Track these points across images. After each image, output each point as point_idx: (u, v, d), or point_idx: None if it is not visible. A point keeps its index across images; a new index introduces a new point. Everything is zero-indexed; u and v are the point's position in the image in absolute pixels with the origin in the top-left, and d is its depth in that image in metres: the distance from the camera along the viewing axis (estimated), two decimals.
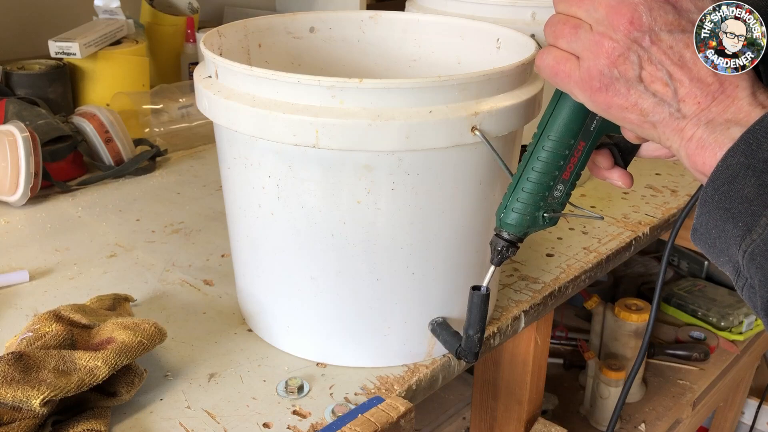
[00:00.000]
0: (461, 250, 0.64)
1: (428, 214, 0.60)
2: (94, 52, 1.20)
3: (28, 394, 0.53)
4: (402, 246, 0.61)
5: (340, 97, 0.55)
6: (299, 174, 0.59)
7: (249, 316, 0.71)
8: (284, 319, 0.67)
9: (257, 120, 0.56)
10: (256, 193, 0.62)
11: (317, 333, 0.66)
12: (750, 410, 1.73)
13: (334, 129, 0.54)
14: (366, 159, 0.57)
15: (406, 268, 0.62)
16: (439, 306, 0.65)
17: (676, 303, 1.50)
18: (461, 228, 0.63)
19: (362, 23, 0.79)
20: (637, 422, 1.22)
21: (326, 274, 0.62)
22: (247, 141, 0.60)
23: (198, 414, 0.59)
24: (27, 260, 0.83)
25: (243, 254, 0.68)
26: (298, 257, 0.63)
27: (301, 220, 0.60)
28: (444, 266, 0.64)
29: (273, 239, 0.63)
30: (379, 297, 0.63)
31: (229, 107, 0.58)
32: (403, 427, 0.58)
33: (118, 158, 1.07)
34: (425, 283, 0.63)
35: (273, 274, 0.65)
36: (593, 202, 1.02)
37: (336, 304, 0.64)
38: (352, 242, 0.60)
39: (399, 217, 0.59)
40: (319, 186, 0.58)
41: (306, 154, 0.57)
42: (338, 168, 0.57)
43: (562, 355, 1.37)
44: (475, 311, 0.59)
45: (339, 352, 0.66)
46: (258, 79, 0.57)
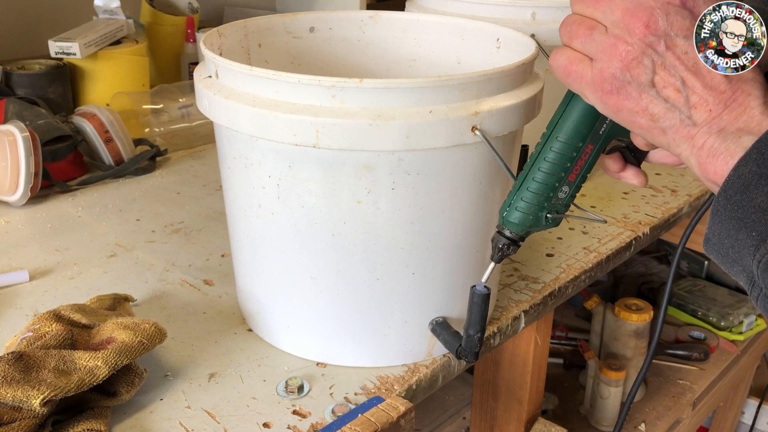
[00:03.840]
0: (461, 249, 0.64)
1: (428, 214, 0.60)
2: (94, 52, 1.20)
3: (28, 393, 0.53)
4: (402, 246, 0.61)
5: (341, 96, 0.55)
6: (299, 174, 0.59)
7: (249, 316, 0.71)
8: (284, 319, 0.67)
9: (257, 120, 0.56)
10: (256, 193, 0.62)
11: (317, 333, 0.66)
12: (750, 410, 1.73)
13: (335, 129, 0.54)
14: (366, 159, 0.57)
15: (406, 268, 0.62)
16: (440, 306, 0.65)
17: (676, 303, 1.50)
18: (461, 228, 0.63)
19: (362, 23, 0.80)
20: (637, 422, 1.22)
21: (326, 274, 0.62)
22: (247, 141, 0.60)
23: (198, 414, 0.59)
24: (27, 260, 0.83)
25: (243, 254, 0.68)
26: (299, 257, 0.62)
27: (301, 219, 0.60)
28: (444, 266, 0.64)
29: (273, 239, 0.63)
30: (379, 297, 0.63)
31: (229, 107, 0.58)
32: (403, 427, 0.58)
33: (118, 158, 1.07)
34: (425, 282, 0.63)
35: (273, 274, 0.65)
36: (593, 202, 1.02)
37: (336, 304, 0.64)
38: (352, 242, 0.60)
39: (399, 216, 0.59)
40: (320, 186, 0.58)
41: (306, 153, 0.57)
42: (338, 168, 0.57)
43: (562, 355, 1.37)
44: (475, 311, 0.59)
45: (339, 352, 0.66)
46: (258, 79, 0.57)
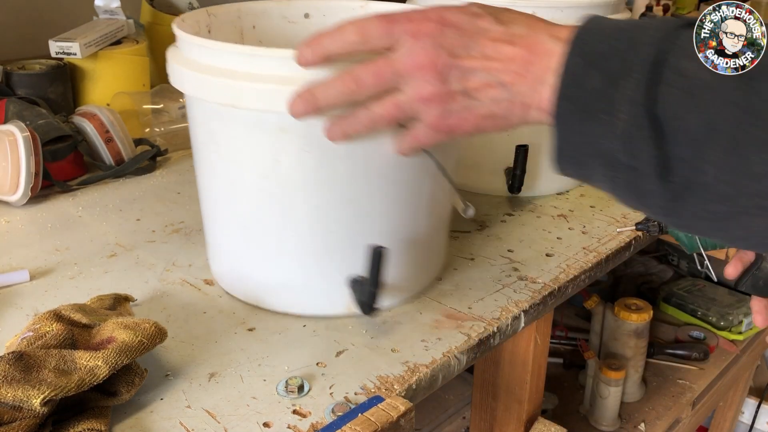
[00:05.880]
0: (373, 210, 0.68)
1: (338, 176, 0.65)
2: (95, 52, 1.20)
3: (29, 393, 0.53)
4: (317, 205, 0.66)
5: (257, 63, 0.61)
6: (230, 132, 0.66)
7: (217, 277, 0.78)
8: (229, 264, 0.75)
9: (194, 82, 0.65)
10: (202, 150, 0.70)
11: (250, 279, 0.73)
12: (749, 410, 1.73)
13: (252, 92, 0.61)
14: (279, 121, 0.62)
15: (322, 227, 0.68)
16: (353, 262, 0.68)
17: (675, 302, 1.50)
18: (373, 188, 0.67)
19: (353, 11, 0.85)
20: (636, 422, 1.23)
21: (255, 226, 0.69)
22: (192, 102, 0.69)
23: (198, 413, 0.59)
24: (27, 260, 0.83)
25: (201, 205, 0.76)
26: (235, 208, 0.70)
27: (235, 175, 0.68)
28: (357, 226, 0.68)
29: (217, 192, 0.72)
30: (300, 252, 0.69)
31: (175, 71, 0.67)
32: (403, 427, 0.58)
33: (118, 158, 1.07)
34: (342, 240, 0.68)
35: (216, 223, 0.74)
36: (593, 202, 1.02)
37: (265, 255, 0.71)
38: (276, 198, 0.67)
39: (312, 177, 0.65)
40: (246, 144, 0.65)
41: (232, 113, 0.64)
42: (259, 127, 0.64)
43: (562, 355, 1.37)
44: (371, 267, 0.64)
45: (272, 301, 0.73)
46: (199, 48, 0.65)
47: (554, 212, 0.98)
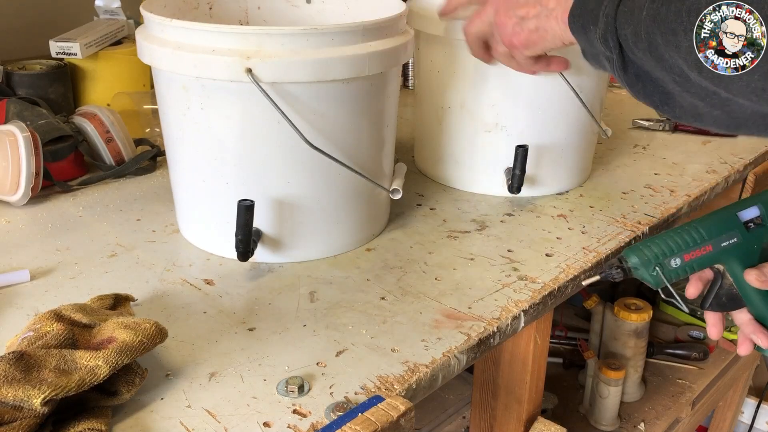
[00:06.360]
0: (264, 167, 0.78)
1: (229, 133, 0.77)
2: (95, 52, 1.20)
3: (29, 393, 0.53)
4: (215, 157, 0.79)
5: (169, 32, 0.76)
6: (163, 90, 0.81)
7: (177, 219, 0.90)
8: (185, 213, 0.87)
9: (143, 49, 0.79)
10: (169, 111, 0.82)
11: (200, 222, 0.85)
12: (749, 409, 1.73)
13: (164, 56, 0.75)
14: (182, 81, 0.76)
15: (224, 180, 0.79)
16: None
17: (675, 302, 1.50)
18: (255, 146, 0.77)
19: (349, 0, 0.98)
20: (636, 422, 1.23)
21: (188, 168, 0.82)
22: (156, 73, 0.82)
23: (198, 413, 0.59)
24: (28, 260, 0.83)
25: (168, 161, 0.88)
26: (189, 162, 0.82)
27: (174, 128, 0.82)
28: (251, 184, 0.79)
29: (180, 155, 0.84)
30: (214, 197, 0.81)
31: (139, 44, 0.80)
32: (403, 426, 0.58)
33: (118, 158, 1.07)
34: (244, 194, 0.78)
35: (182, 181, 0.86)
36: (592, 202, 1.02)
37: (210, 206, 0.83)
38: (193, 147, 0.80)
39: (211, 131, 0.77)
40: (172, 99, 0.79)
41: (158, 73, 0.80)
42: (171, 86, 0.78)
43: (562, 355, 1.37)
44: (240, 219, 0.75)
45: (199, 238, 0.86)
46: (161, 26, 0.76)
47: (554, 212, 0.99)
